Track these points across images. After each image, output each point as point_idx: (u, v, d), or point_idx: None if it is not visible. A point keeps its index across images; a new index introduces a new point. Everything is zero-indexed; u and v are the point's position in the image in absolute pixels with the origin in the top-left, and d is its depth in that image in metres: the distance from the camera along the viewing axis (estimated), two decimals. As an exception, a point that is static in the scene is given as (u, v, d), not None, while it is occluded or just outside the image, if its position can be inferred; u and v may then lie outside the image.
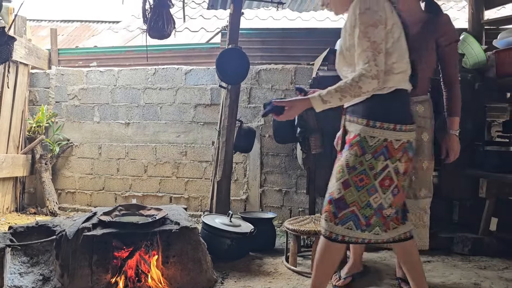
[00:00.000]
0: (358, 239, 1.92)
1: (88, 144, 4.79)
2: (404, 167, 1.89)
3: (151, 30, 3.28)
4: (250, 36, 4.65)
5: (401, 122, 1.86)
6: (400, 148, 1.86)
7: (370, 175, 1.86)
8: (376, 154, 1.85)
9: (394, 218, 1.95)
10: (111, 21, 9.93)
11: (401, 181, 1.91)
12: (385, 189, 1.88)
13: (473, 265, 2.82)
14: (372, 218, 1.90)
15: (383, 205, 1.89)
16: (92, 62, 5.00)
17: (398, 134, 1.85)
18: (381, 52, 1.80)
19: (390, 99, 1.88)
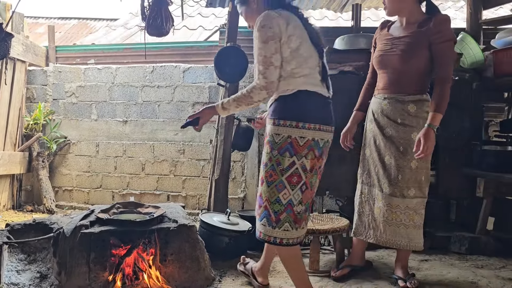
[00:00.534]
0: (271, 238, 2.01)
1: (86, 141, 4.78)
2: (311, 164, 2.00)
3: (149, 28, 3.26)
4: (249, 34, 4.61)
5: (304, 120, 1.98)
6: (305, 145, 1.98)
7: (277, 171, 1.98)
8: (281, 150, 1.98)
9: (305, 218, 2.06)
10: (109, 18, 9.91)
11: (309, 177, 2.01)
12: (293, 186, 1.99)
13: (470, 264, 2.83)
14: (282, 214, 2.00)
15: (293, 201, 2.00)
16: (90, 60, 4.99)
17: (301, 132, 1.97)
18: (272, 65, 1.97)
19: (292, 99, 2.01)
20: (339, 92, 3.28)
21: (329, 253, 3.05)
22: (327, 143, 2.08)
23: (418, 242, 2.42)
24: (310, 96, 2.03)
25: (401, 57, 2.37)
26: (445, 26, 2.29)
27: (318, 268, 2.68)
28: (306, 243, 3.21)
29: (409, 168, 2.37)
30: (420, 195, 2.40)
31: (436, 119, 2.24)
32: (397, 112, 2.40)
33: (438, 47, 2.28)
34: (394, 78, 2.42)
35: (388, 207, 2.42)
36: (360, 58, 3.59)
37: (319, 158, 2.04)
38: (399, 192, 2.39)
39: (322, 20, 6.86)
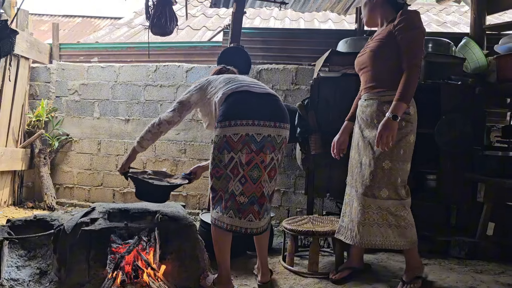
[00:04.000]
0: (221, 223, 2.23)
1: (88, 139, 4.79)
2: (246, 158, 2.16)
3: (153, 27, 3.28)
4: (252, 35, 4.66)
5: (236, 118, 2.17)
6: (239, 140, 2.16)
7: (221, 166, 2.21)
8: (220, 149, 2.20)
9: (253, 211, 2.20)
10: (113, 17, 9.94)
11: (247, 171, 2.17)
12: (235, 177, 2.19)
13: (469, 269, 2.83)
14: (228, 202, 2.21)
15: (235, 191, 2.19)
16: (93, 58, 5.00)
17: (234, 129, 2.16)
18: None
19: (222, 103, 2.24)
20: (341, 94, 3.32)
21: (328, 255, 3.05)
22: (270, 138, 2.19)
23: (395, 240, 2.38)
24: (241, 95, 2.23)
25: (369, 55, 2.42)
26: (406, 18, 2.28)
27: (317, 270, 2.68)
28: (305, 245, 3.22)
29: (381, 168, 2.36)
30: (395, 197, 2.36)
31: (396, 108, 2.21)
32: (374, 113, 2.40)
33: (400, 37, 2.28)
34: (369, 77, 2.45)
35: (361, 207, 2.43)
36: (363, 61, 3.59)
37: (259, 152, 2.17)
38: (370, 192, 2.39)
39: (326, 23, 6.87)
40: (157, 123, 2.46)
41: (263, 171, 2.20)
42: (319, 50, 4.02)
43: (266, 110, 2.23)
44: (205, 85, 2.45)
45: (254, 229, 2.23)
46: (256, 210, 2.22)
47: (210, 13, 7.44)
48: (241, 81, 2.33)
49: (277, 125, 2.22)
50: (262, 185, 2.21)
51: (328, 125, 3.28)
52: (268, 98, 2.29)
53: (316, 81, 3.39)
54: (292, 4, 4.91)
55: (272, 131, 2.20)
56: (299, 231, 2.70)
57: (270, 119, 2.21)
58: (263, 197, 2.24)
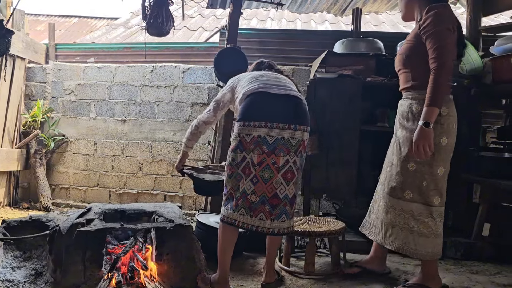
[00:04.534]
0: (226, 219, 2.29)
1: (84, 140, 4.78)
2: (258, 159, 2.21)
3: (150, 27, 3.27)
4: (249, 36, 4.66)
5: (249, 119, 2.22)
6: (252, 141, 2.21)
7: (233, 165, 2.27)
8: (234, 147, 2.26)
9: (264, 210, 2.23)
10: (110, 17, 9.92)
11: (259, 171, 2.22)
12: (246, 176, 2.24)
13: (465, 270, 2.84)
14: (240, 200, 2.25)
15: (246, 190, 2.24)
16: (89, 58, 4.99)
17: (247, 130, 2.22)
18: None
19: (241, 103, 2.31)
20: (338, 95, 3.32)
21: (324, 256, 3.05)
22: (284, 140, 2.21)
23: (415, 248, 2.32)
24: (258, 96, 2.27)
25: (400, 57, 2.41)
26: (429, 16, 2.21)
27: (313, 270, 2.68)
28: (302, 246, 3.22)
29: (406, 170, 2.33)
30: (420, 201, 2.31)
31: (427, 114, 2.14)
32: (404, 113, 2.38)
33: (425, 38, 2.22)
34: (402, 78, 2.43)
35: (386, 206, 2.43)
36: (360, 62, 3.61)
37: (271, 154, 2.21)
38: (395, 192, 2.37)
39: (322, 24, 6.87)
40: (195, 125, 2.58)
41: (275, 173, 2.22)
42: (316, 51, 4.03)
43: (282, 112, 2.23)
44: (236, 84, 2.50)
45: (265, 228, 2.24)
46: (267, 210, 2.23)
47: (207, 13, 7.43)
48: (263, 81, 2.34)
49: (292, 127, 2.22)
50: (274, 186, 2.23)
51: (324, 126, 3.28)
52: (287, 99, 2.27)
53: (313, 82, 3.39)
54: (289, 5, 4.91)
55: (286, 133, 2.21)
56: (295, 232, 2.70)
57: (285, 121, 2.21)
58: (276, 198, 2.24)
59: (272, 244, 2.48)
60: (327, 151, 3.30)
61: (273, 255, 2.52)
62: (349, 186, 3.34)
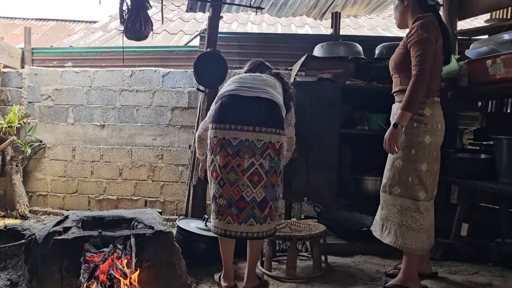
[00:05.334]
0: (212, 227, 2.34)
1: (62, 146, 4.69)
2: (223, 161, 2.25)
3: (128, 32, 3.23)
4: (229, 40, 4.65)
5: (216, 121, 2.28)
6: (217, 143, 2.27)
7: (207, 168, 2.35)
8: (208, 150, 2.34)
9: (231, 213, 2.26)
10: (88, 21, 9.78)
11: (224, 173, 2.26)
12: (214, 180, 2.29)
13: (444, 270, 2.87)
14: (212, 204, 2.32)
15: (215, 194, 2.29)
16: (67, 62, 4.90)
17: (214, 132, 2.29)
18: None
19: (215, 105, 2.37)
20: (317, 98, 3.34)
21: (306, 259, 3.05)
22: (248, 142, 2.24)
23: (404, 242, 2.42)
24: (227, 99, 2.33)
25: (391, 65, 2.57)
26: (414, 28, 2.37)
27: (295, 274, 2.68)
28: (284, 250, 3.21)
29: (394, 166, 2.46)
30: (407, 196, 2.42)
31: (399, 117, 2.31)
32: (394, 115, 2.50)
33: (410, 47, 2.37)
34: (394, 83, 2.58)
35: (381, 202, 2.57)
36: (339, 66, 3.64)
37: (235, 156, 2.24)
38: (386, 189, 2.51)
39: (303, 27, 6.91)
40: (198, 135, 2.59)
41: (241, 175, 2.24)
42: (296, 54, 4.05)
43: (247, 115, 2.27)
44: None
45: (232, 231, 2.28)
46: (235, 213, 2.26)
47: (187, 17, 7.40)
48: (239, 84, 2.38)
49: (256, 130, 2.24)
50: (241, 188, 2.25)
51: (304, 129, 3.29)
52: (255, 102, 2.29)
53: (293, 86, 3.39)
54: (269, 9, 4.93)
55: (250, 135, 2.23)
56: (277, 236, 2.70)
57: (249, 123, 2.24)
58: (243, 201, 2.26)
59: (252, 248, 2.48)
60: (308, 155, 3.31)
61: (254, 259, 2.51)
62: (329, 189, 3.36)
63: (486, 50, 3.18)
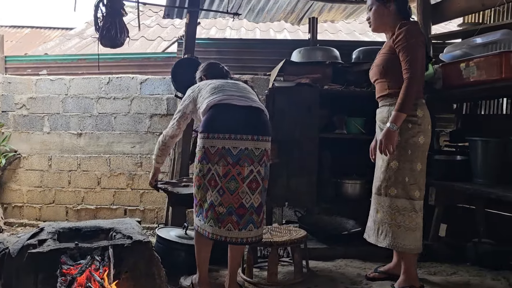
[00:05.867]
0: (203, 231, 2.31)
1: (37, 155, 4.58)
2: (223, 170, 2.24)
3: (103, 39, 3.19)
4: (207, 46, 4.64)
5: (213, 131, 2.26)
6: (216, 153, 2.24)
7: (201, 176, 2.29)
8: (200, 158, 2.29)
9: (231, 221, 2.26)
10: (64, 27, 9.63)
11: (224, 182, 2.24)
12: (213, 188, 2.27)
13: (423, 271, 2.91)
14: (209, 212, 2.28)
15: (214, 202, 2.26)
16: (42, 70, 4.81)
17: (211, 142, 2.25)
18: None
19: (205, 114, 2.33)
20: (296, 103, 3.35)
21: (288, 265, 3.05)
22: (247, 151, 2.25)
23: (405, 244, 2.45)
24: (221, 108, 2.30)
25: (377, 69, 2.59)
26: (402, 31, 2.41)
27: (276, 280, 2.67)
28: (265, 255, 3.20)
29: (390, 168, 2.48)
30: (404, 196, 2.46)
31: (395, 118, 2.36)
32: (384, 118, 2.54)
33: (398, 51, 2.43)
34: (379, 87, 2.61)
35: (375, 206, 2.57)
36: (317, 71, 3.66)
37: (235, 165, 2.24)
38: (381, 191, 2.52)
39: (281, 32, 6.95)
40: (162, 141, 2.58)
41: (241, 183, 2.26)
42: (275, 60, 4.05)
43: (245, 124, 2.28)
44: (197, 93, 2.50)
45: (233, 238, 2.28)
46: (235, 220, 2.26)
47: (165, 23, 7.36)
48: (226, 92, 2.37)
49: (254, 138, 2.27)
50: (240, 196, 2.26)
51: (284, 134, 3.30)
52: (249, 111, 2.33)
53: (271, 91, 3.40)
54: (246, 15, 4.94)
55: (249, 144, 2.25)
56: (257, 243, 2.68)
57: (248, 132, 2.26)
58: (243, 208, 2.27)
59: (233, 255, 2.47)
60: (287, 160, 3.31)
61: (236, 266, 2.51)
62: (310, 193, 3.36)
63: (459, 53, 3.24)
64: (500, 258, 3.00)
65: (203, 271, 2.47)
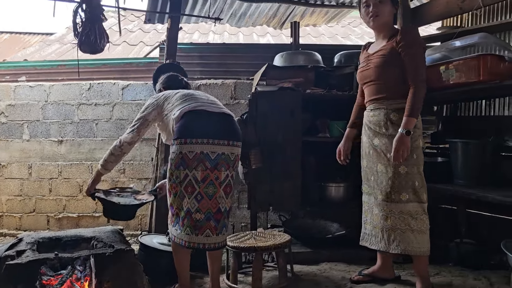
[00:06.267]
0: (180, 240, 2.30)
1: (17, 163, 4.49)
2: (202, 175, 2.25)
3: (82, 45, 3.14)
4: (189, 51, 4.62)
5: (191, 136, 2.26)
6: (194, 158, 2.24)
7: (177, 183, 2.28)
8: (177, 165, 2.27)
9: (210, 226, 2.27)
10: (45, 33, 9.49)
11: (203, 188, 2.26)
12: (189, 195, 2.25)
13: (407, 273, 2.93)
14: (185, 220, 2.27)
15: (191, 209, 2.26)
16: (21, 77, 4.72)
17: (190, 147, 2.25)
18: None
19: (179, 121, 2.32)
20: (279, 107, 3.35)
21: (272, 270, 3.04)
22: (224, 155, 2.30)
23: (419, 247, 2.47)
24: (197, 114, 2.31)
25: (375, 70, 2.56)
26: (409, 35, 2.45)
27: (261, 286, 2.66)
28: (250, 261, 3.19)
29: (398, 174, 2.47)
30: (416, 200, 2.48)
31: (407, 123, 2.38)
32: (381, 122, 2.54)
33: (404, 54, 2.44)
34: (375, 90, 2.59)
35: (384, 213, 2.53)
36: (299, 75, 3.68)
37: (213, 169, 2.27)
38: (391, 197, 2.49)
39: (264, 36, 6.97)
40: (118, 145, 2.52)
41: (218, 188, 2.29)
42: (257, 64, 4.04)
43: (220, 129, 2.34)
44: (162, 101, 2.51)
45: (212, 244, 2.30)
46: (213, 225, 2.29)
47: (148, 28, 7.30)
48: (198, 99, 2.42)
49: (230, 143, 2.33)
50: (218, 201, 2.30)
51: (267, 138, 3.29)
52: (223, 117, 2.40)
53: (254, 96, 3.40)
54: (228, 19, 4.93)
55: (225, 149, 2.31)
56: (242, 248, 2.68)
57: (224, 137, 2.31)
58: (220, 213, 2.31)
59: (213, 261, 2.49)
60: (271, 164, 3.30)
61: (217, 271, 2.51)
62: (294, 197, 3.36)
63: (439, 56, 3.29)
64: (481, 258, 3.05)
65: (184, 279, 2.47)
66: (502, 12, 3.72)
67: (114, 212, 2.65)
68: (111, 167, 2.58)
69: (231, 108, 4.30)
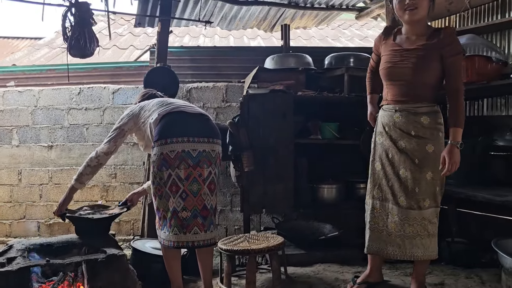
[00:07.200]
0: (169, 242, 2.31)
1: (6, 169, 4.44)
2: (184, 173, 2.29)
3: (72, 49, 3.13)
4: (180, 54, 4.61)
5: (171, 136, 2.29)
6: (176, 157, 2.28)
7: (161, 184, 2.31)
8: (159, 166, 2.29)
9: (197, 223, 2.31)
10: (33, 37, 9.43)
11: (187, 185, 2.29)
12: (174, 194, 2.29)
13: (399, 273, 2.94)
14: (172, 220, 2.30)
15: (176, 208, 2.29)
16: (9, 82, 4.67)
17: (170, 146, 2.28)
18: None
19: (158, 123, 2.35)
20: (271, 110, 3.36)
21: (266, 272, 3.03)
22: (205, 152, 2.34)
23: (433, 251, 2.44)
24: (175, 115, 2.36)
25: (413, 69, 2.37)
26: (455, 39, 2.36)
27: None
28: (244, 263, 3.18)
29: (425, 180, 2.39)
30: (434, 205, 2.42)
31: (456, 135, 2.30)
32: (410, 124, 2.41)
33: (450, 60, 2.32)
34: (406, 90, 2.42)
35: (406, 221, 2.42)
36: (290, 77, 3.69)
37: (196, 167, 2.30)
38: (416, 205, 2.40)
39: (255, 39, 6.98)
40: (94, 157, 2.51)
41: (202, 185, 2.33)
42: (248, 67, 4.06)
43: (199, 128, 2.39)
44: (137, 111, 2.55)
45: (201, 241, 2.32)
46: (200, 222, 2.32)
47: (138, 31, 7.27)
48: (174, 103, 2.48)
49: (210, 141, 2.38)
50: (203, 198, 2.33)
51: (259, 141, 3.30)
52: (200, 117, 2.46)
53: (246, 98, 3.40)
54: (218, 23, 4.94)
55: (206, 146, 2.35)
56: (235, 251, 2.67)
57: (203, 135, 2.36)
58: (206, 210, 2.35)
59: (204, 264, 2.48)
60: (263, 166, 3.31)
61: (208, 273, 2.51)
62: (287, 199, 3.37)
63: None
64: (473, 257, 3.08)
65: (176, 282, 2.48)
66: (489, 14, 3.77)
67: (87, 229, 2.61)
68: (86, 180, 2.56)
69: (222, 111, 4.30)
